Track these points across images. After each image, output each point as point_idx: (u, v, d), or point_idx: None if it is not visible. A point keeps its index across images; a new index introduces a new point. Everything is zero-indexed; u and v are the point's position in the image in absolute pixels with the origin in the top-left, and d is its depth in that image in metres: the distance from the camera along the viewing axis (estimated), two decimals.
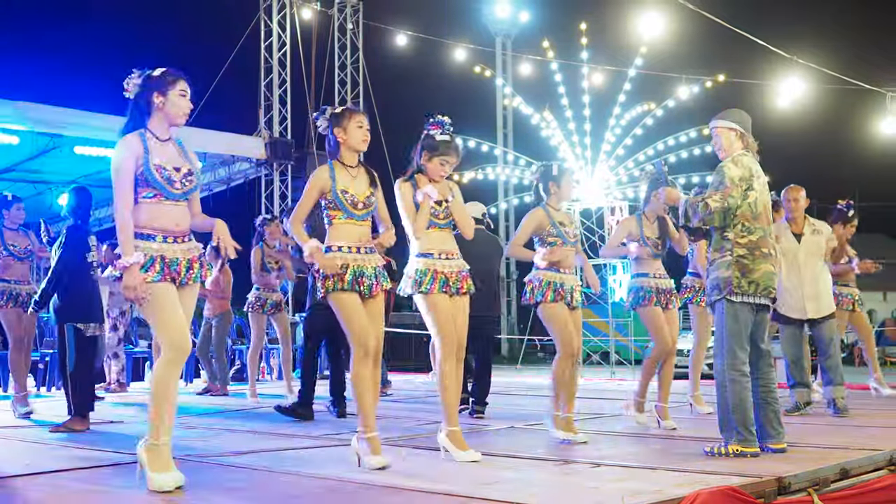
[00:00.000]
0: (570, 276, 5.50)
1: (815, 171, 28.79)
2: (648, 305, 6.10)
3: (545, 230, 5.47)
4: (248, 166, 15.67)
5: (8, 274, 7.16)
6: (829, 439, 5.25)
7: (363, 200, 4.40)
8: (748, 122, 4.94)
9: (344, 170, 4.43)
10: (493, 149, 18.85)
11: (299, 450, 5.11)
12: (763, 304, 4.81)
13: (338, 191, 4.34)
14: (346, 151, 4.45)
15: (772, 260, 4.80)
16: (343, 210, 4.36)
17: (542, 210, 5.52)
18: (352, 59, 18.03)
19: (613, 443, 5.43)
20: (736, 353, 4.72)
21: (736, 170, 4.75)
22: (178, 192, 3.92)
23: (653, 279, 6.17)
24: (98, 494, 3.77)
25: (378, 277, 4.38)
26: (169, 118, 3.96)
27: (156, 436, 3.74)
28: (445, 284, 4.68)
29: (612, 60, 18.44)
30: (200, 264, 3.99)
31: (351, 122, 4.43)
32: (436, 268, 4.68)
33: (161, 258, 3.83)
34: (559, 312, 5.38)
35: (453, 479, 4.01)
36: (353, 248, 4.36)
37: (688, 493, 3.40)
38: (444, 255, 4.73)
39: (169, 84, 3.94)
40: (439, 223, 4.76)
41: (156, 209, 3.87)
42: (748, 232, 4.75)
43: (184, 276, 3.89)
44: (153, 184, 3.85)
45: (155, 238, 3.86)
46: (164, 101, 3.93)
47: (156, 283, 3.80)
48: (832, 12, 36.42)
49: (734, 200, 4.71)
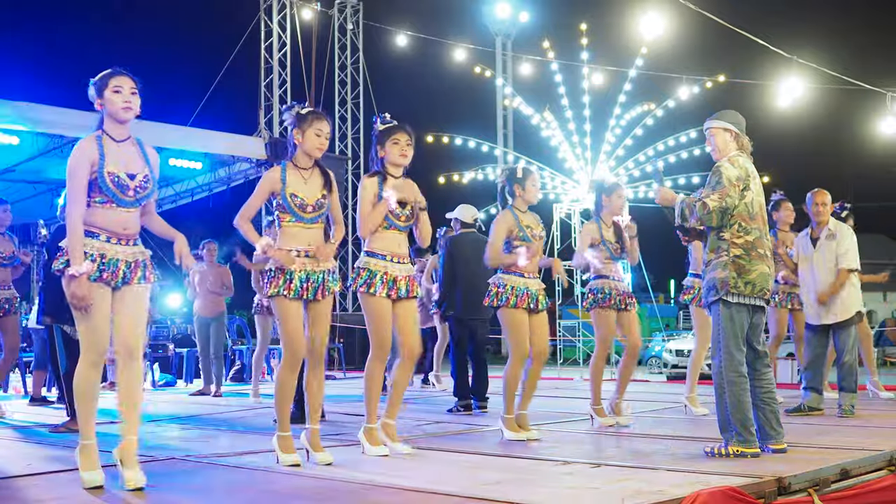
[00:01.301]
0: (534, 281, 5.55)
1: (815, 171, 28.81)
2: (605, 307, 6.16)
3: (513, 233, 5.50)
4: (248, 166, 15.63)
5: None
6: (830, 440, 5.25)
7: (312, 203, 4.41)
8: (742, 123, 4.94)
9: (296, 172, 4.44)
10: (493, 149, 18.83)
11: (299, 450, 5.11)
12: (759, 306, 4.81)
13: (287, 193, 4.36)
14: (300, 154, 4.48)
15: (767, 261, 4.80)
16: (292, 213, 4.38)
17: (509, 213, 5.56)
18: (352, 59, 18.03)
19: (613, 443, 5.42)
20: (733, 355, 4.72)
21: (733, 170, 4.75)
22: (131, 200, 3.91)
23: (612, 281, 6.21)
24: (98, 494, 3.77)
25: (325, 281, 4.43)
26: (113, 117, 3.94)
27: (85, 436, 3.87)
28: (393, 288, 4.75)
29: (612, 61, 18.42)
30: (144, 268, 3.95)
31: (310, 128, 4.44)
32: (386, 270, 4.76)
33: (100, 256, 3.82)
34: (518, 318, 5.45)
35: (453, 479, 4.02)
36: (301, 252, 4.39)
37: (688, 494, 3.41)
38: (395, 259, 4.81)
39: (103, 84, 3.94)
40: (399, 225, 4.83)
41: (107, 213, 3.87)
42: (745, 232, 4.75)
43: (121, 279, 3.87)
44: (105, 191, 3.84)
45: (98, 237, 3.86)
46: (102, 101, 3.94)
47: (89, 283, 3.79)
48: (832, 12, 36.45)
49: (732, 200, 4.71)
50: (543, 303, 5.54)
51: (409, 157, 4.90)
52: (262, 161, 15.43)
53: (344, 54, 17.98)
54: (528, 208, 5.63)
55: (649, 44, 17.33)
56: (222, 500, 3.71)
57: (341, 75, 17.95)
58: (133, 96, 3.95)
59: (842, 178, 31.54)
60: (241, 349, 12.49)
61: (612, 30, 19.86)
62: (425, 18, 22.00)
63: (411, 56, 18.24)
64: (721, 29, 14.06)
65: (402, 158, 4.88)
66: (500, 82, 19.47)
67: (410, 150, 4.90)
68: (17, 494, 3.80)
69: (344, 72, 17.98)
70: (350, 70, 18.02)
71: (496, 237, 5.51)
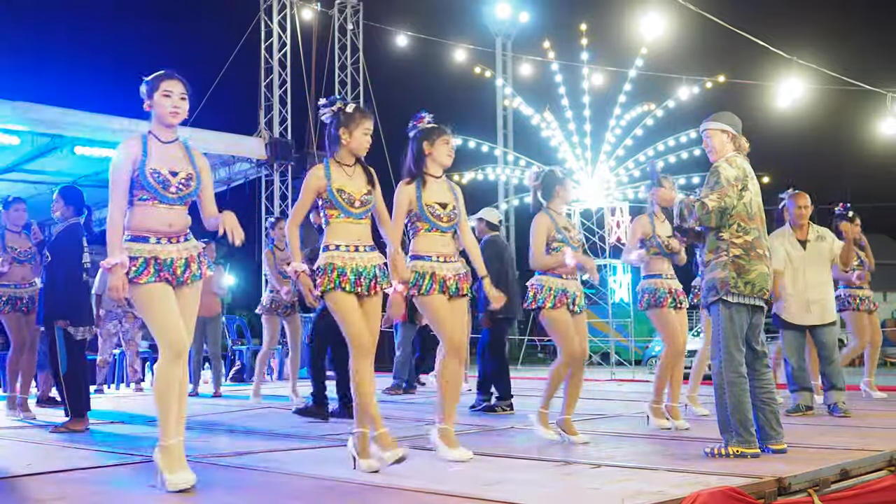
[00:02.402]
0: (573, 282, 5.50)
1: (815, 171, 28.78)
2: (663, 307, 6.13)
3: (551, 236, 5.46)
4: (248, 167, 15.66)
5: (8, 278, 7.07)
6: (829, 440, 5.25)
7: (360, 198, 4.37)
8: (739, 124, 4.94)
9: (340, 168, 4.40)
10: (493, 149, 18.82)
11: (299, 450, 5.12)
12: (758, 306, 4.81)
13: (334, 189, 4.31)
14: (345, 152, 4.42)
15: (766, 261, 4.80)
16: (340, 209, 4.32)
17: (546, 215, 5.52)
18: (352, 59, 18.02)
19: (613, 443, 5.42)
20: (733, 355, 4.72)
21: (731, 170, 4.75)
22: (173, 197, 3.91)
23: (665, 280, 6.19)
24: (99, 494, 3.77)
25: (377, 276, 4.36)
26: (160, 119, 3.97)
27: (164, 437, 3.78)
28: (444, 287, 4.69)
29: (612, 61, 18.42)
30: (199, 262, 3.98)
31: (359, 129, 4.39)
32: (434, 270, 4.69)
33: (154, 259, 3.83)
34: (561, 318, 5.40)
35: (454, 479, 4.02)
36: (352, 246, 4.33)
37: (688, 494, 3.41)
38: (441, 258, 4.74)
39: (154, 86, 3.97)
40: (442, 226, 4.76)
41: (149, 211, 3.88)
42: (744, 232, 4.75)
43: (181, 276, 3.89)
44: (147, 187, 3.85)
45: (147, 240, 3.86)
46: (151, 103, 3.97)
47: (150, 285, 3.80)
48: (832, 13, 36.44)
49: (731, 200, 4.71)
50: (581, 304, 5.50)
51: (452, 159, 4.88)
52: (262, 161, 15.45)
53: (344, 54, 17.98)
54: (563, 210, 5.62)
55: (649, 44, 17.34)
56: (222, 500, 3.71)
57: (341, 75, 17.94)
58: (182, 101, 3.98)
59: (842, 179, 31.53)
60: (241, 349, 12.49)
61: (613, 30, 19.87)
62: (425, 19, 22.00)
63: (411, 56, 18.25)
64: (721, 29, 14.07)
65: (449, 159, 4.83)
66: (500, 82, 19.46)
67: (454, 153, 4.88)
68: (18, 494, 3.80)
69: (344, 72, 17.97)
70: (350, 70, 18.01)
71: (538, 239, 5.45)
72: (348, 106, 4.44)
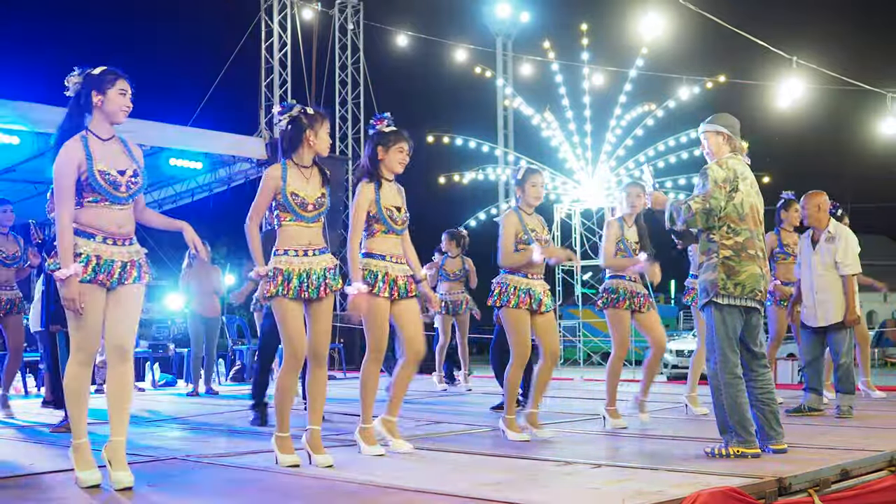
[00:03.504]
0: (538, 282, 5.54)
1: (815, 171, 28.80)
2: (619, 308, 6.13)
3: (518, 236, 5.49)
4: (248, 167, 15.64)
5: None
6: (830, 440, 5.25)
7: (313, 202, 4.40)
8: (736, 125, 4.95)
9: (296, 170, 4.42)
10: (493, 149, 18.81)
11: (299, 450, 5.11)
12: (751, 307, 4.79)
13: (288, 192, 4.33)
14: (306, 153, 4.46)
15: (759, 262, 4.79)
16: (292, 212, 4.35)
17: (514, 214, 5.58)
18: (352, 59, 18.02)
19: (614, 443, 5.42)
20: (727, 357, 4.71)
21: (720, 171, 4.75)
22: (124, 196, 3.89)
23: (627, 282, 6.18)
24: (99, 494, 3.77)
25: (326, 279, 4.39)
26: (108, 116, 3.93)
27: (77, 435, 3.92)
28: (394, 288, 4.77)
29: (612, 61, 18.41)
30: (139, 267, 3.94)
31: (323, 128, 4.46)
32: (387, 270, 4.78)
33: (96, 258, 3.81)
34: (519, 317, 5.44)
35: (454, 479, 4.02)
36: (301, 251, 4.37)
37: (688, 494, 3.41)
38: (394, 259, 4.84)
39: (108, 82, 3.92)
40: (397, 229, 4.86)
41: (101, 213, 3.85)
42: (734, 233, 4.74)
43: (116, 279, 3.86)
44: (98, 189, 3.82)
45: (94, 237, 3.84)
46: (102, 98, 3.91)
47: (83, 284, 3.78)
48: (832, 13, 36.46)
49: (717, 202, 4.71)
50: (548, 304, 5.51)
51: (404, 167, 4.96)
52: (263, 161, 15.43)
53: (344, 54, 17.97)
54: (533, 210, 5.63)
55: (650, 44, 17.32)
56: (222, 500, 3.71)
57: (342, 75, 17.94)
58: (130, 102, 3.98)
59: (842, 179, 31.53)
60: (242, 349, 12.48)
61: (613, 30, 19.86)
62: (426, 19, 21.99)
63: (412, 56, 18.24)
64: (721, 29, 14.07)
65: (401, 167, 4.91)
66: (501, 82, 19.46)
67: (408, 160, 4.95)
68: (18, 494, 3.80)
69: (344, 72, 17.97)
70: (350, 70, 18.01)
71: (506, 238, 5.50)
72: (386, 125, 4.63)
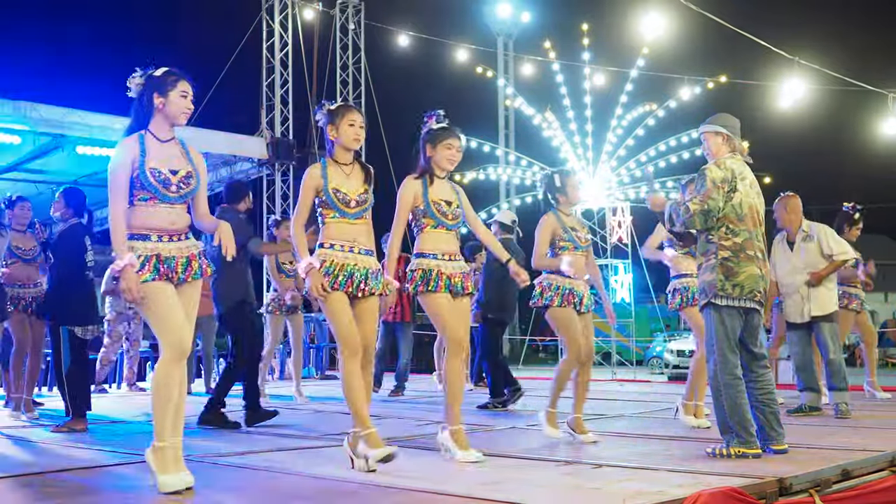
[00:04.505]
0: (580, 282, 5.51)
1: (816, 172, 28.77)
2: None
3: (557, 236, 5.48)
4: (249, 166, 15.68)
5: (14, 277, 6.99)
6: (831, 440, 5.25)
7: (356, 198, 4.37)
8: (736, 125, 4.94)
9: (337, 167, 4.41)
10: (494, 149, 18.84)
11: (299, 450, 5.11)
12: (751, 308, 4.78)
13: (330, 189, 4.31)
14: (338, 149, 4.44)
15: (758, 262, 4.77)
16: (335, 209, 4.33)
17: (553, 216, 5.54)
18: (353, 59, 18.03)
19: (615, 443, 5.42)
20: (727, 358, 4.71)
21: (718, 172, 4.74)
22: (174, 196, 3.89)
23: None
24: (99, 494, 3.77)
25: (368, 279, 4.34)
26: (169, 118, 3.94)
27: (160, 437, 3.74)
28: (450, 285, 4.69)
29: (613, 61, 18.43)
30: (200, 261, 3.95)
31: (343, 121, 4.40)
32: (440, 268, 4.69)
33: (156, 257, 3.80)
34: (567, 315, 5.42)
35: (454, 479, 4.01)
36: (346, 247, 4.33)
37: (689, 494, 3.40)
38: (446, 256, 4.74)
39: (170, 84, 3.92)
40: (448, 223, 4.76)
41: (151, 211, 3.85)
42: (733, 234, 4.73)
43: (181, 274, 3.87)
44: (147, 187, 3.82)
45: (149, 237, 3.83)
46: (164, 101, 3.91)
47: (150, 283, 3.77)
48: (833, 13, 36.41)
49: (714, 203, 4.70)
50: (588, 304, 5.50)
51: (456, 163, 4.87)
52: (264, 161, 15.48)
53: (345, 54, 17.98)
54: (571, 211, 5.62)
55: (651, 44, 17.34)
56: (222, 500, 3.71)
57: (343, 75, 17.95)
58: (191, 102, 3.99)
59: (843, 179, 31.53)
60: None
61: (614, 30, 19.87)
62: (427, 18, 21.98)
63: (413, 56, 18.25)
64: (722, 29, 14.06)
65: (450, 164, 4.80)
66: (502, 82, 19.48)
67: (460, 155, 4.85)
68: (18, 494, 3.80)
69: (346, 72, 17.98)
70: (352, 70, 18.02)
71: (542, 241, 5.47)
72: (333, 105, 4.46)
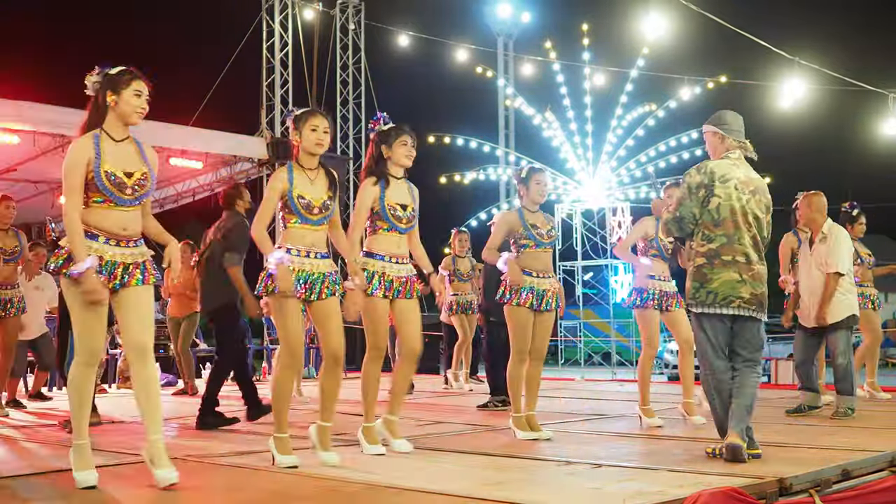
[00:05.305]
0: (545, 280, 5.50)
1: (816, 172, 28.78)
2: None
3: (517, 233, 5.47)
4: (249, 166, 15.66)
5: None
6: (831, 440, 5.24)
7: (319, 206, 4.39)
8: (734, 123, 4.85)
9: (302, 172, 4.42)
10: (494, 149, 18.82)
11: (299, 450, 5.11)
12: (736, 315, 4.64)
13: (294, 195, 4.33)
14: (303, 154, 4.45)
15: (738, 267, 4.62)
16: (297, 215, 4.35)
17: (514, 213, 5.58)
18: (353, 59, 18.03)
19: (615, 443, 5.42)
20: (712, 362, 4.69)
21: (695, 177, 4.70)
22: (129, 198, 3.86)
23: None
24: (99, 494, 3.77)
25: (325, 283, 4.37)
26: (122, 117, 3.91)
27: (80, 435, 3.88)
28: (389, 289, 4.77)
29: (613, 61, 18.44)
30: (144, 269, 3.90)
31: (305, 126, 4.42)
32: (384, 270, 4.77)
33: (98, 259, 3.77)
34: (519, 315, 5.44)
35: (454, 479, 4.01)
36: (303, 252, 4.36)
37: (689, 494, 3.40)
38: (394, 259, 4.83)
39: (123, 83, 3.89)
40: (401, 227, 4.84)
41: (105, 213, 3.83)
42: (707, 240, 4.67)
43: (119, 280, 3.83)
44: (102, 190, 3.79)
45: (97, 238, 3.82)
46: (116, 99, 3.88)
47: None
48: (834, 14, 36.44)
49: (686, 209, 4.68)
50: (549, 302, 5.45)
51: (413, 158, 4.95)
52: (264, 161, 15.46)
53: (345, 54, 17.99)
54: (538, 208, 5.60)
55: (651, 44, 17.34)
56: (222, 500, 3.71)
57: (343, 75, 17.95)
58: (147, 102, 3.95)
59: (843, 179, 31.54)
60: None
61: (614, 30, 19.89)
62: (427, 18, 22.02)
63: (413, 56, 18.26)
64: (723, 30, 14.07)
65: (408, 160, 4.90)
66: (502, 83, 19.48)
67: (414, 152, 4.94)
68: (18, 493, 3.80)
69: (346, 72, 17.98)
70: (352, 70, 18.02)
71: (495, 235, 5.53)
72: (299, 110, 4.51)
